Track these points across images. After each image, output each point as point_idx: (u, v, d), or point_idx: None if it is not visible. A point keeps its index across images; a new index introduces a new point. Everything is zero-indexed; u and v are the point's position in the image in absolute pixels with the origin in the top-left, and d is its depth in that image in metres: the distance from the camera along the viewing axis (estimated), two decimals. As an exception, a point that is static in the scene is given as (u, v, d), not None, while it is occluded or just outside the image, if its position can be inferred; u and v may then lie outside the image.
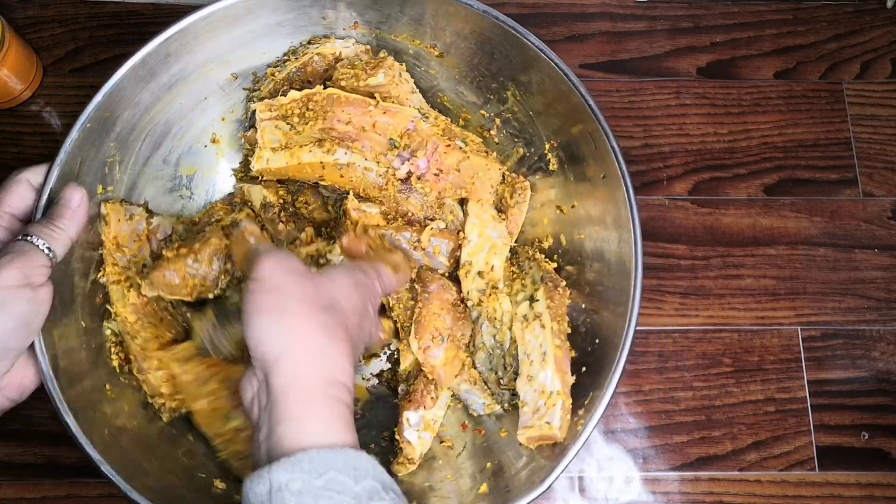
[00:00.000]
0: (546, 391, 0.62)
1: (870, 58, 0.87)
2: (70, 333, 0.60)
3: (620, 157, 0.62)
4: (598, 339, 0.64)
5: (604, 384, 0.60)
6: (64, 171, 0.59)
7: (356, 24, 0.70)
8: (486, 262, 0.68)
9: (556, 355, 0.63)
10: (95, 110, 0.60)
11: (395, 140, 0.67)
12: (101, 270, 0.65)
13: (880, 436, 0.76)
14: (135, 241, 0.67)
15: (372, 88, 0.67)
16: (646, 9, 0.88)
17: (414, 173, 0.68)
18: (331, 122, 0.65)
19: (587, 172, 0.67)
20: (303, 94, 0.66)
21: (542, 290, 0.66)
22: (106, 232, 0.65)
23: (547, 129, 0.69)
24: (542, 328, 0.64)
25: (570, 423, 0.61)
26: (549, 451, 0.62)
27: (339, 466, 0.44)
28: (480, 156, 0.70)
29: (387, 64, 0.67)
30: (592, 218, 0.67)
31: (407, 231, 0.68)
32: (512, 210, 0.71)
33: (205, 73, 0.69)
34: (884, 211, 0.82)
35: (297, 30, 0.70)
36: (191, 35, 0.64)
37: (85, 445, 0.56)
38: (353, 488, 0.43)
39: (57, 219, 0.57)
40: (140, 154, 0.68)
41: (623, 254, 0.62)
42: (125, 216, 0.66)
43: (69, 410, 0.56)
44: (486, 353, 0.68)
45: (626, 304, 0.61)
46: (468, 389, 0.68)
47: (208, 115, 0.72)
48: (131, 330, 0.65)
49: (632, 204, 0.62)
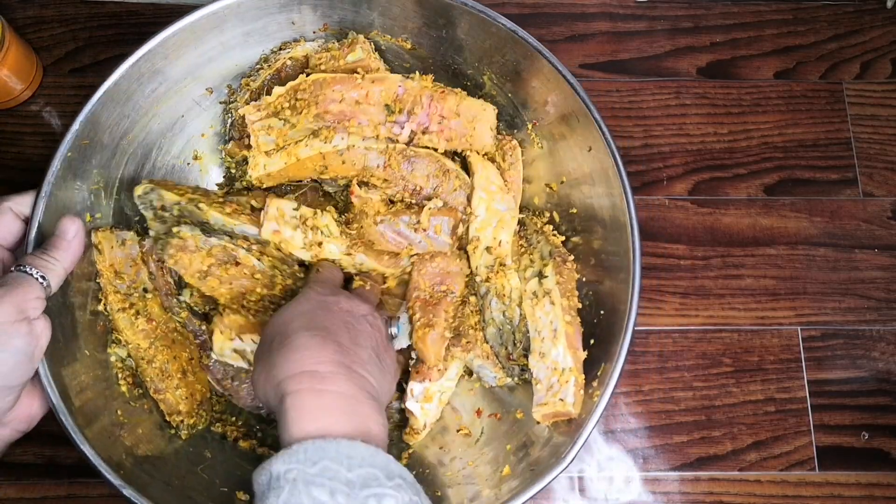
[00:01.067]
0: (559, 368, 0.63)
1: (870, 58, 0.87)
2: (78, 368, 0.60)
3: (604, 127, 0.63)
4: (603, 311, 0.64)
5: (614, 354, 0.60)
6: (49, 203, 0.59)
7: (325, 25, 0.70)
8: (494, 238, 0.69)
9: (568, 332, 0.63)
10: (75, 139, 0.60)
11: (390, 105, 0.67)
12: (101, 300, 0.65)
13: (880, 436, 0.76)
14: (131, 267, 0.66)
15: (352, 65, 0.67)
16: (646, 9, 0.88)
17: (416, 132, 0.68)
18: (324, 106, 0.65)
19: (573, 147, 0.67)
20: (288, 87, 0.66)
21: (550, 266, 0.66)
22: (101, 260, 0.65)
23: (527, 108, 0.70)
24: (552, 305, 0.65)
25: (583, 399, 0.62)
26: (565, 427, 0.62)
27: (333, 455, 0.46)
28: (474, 99, 0.70)
29: (360, 40, 0.68)
30: (583, 191, 0.67)
31: (406, 215, 0.68)
32: (509, 172, 0.71)
33: (179, 90, 0.69)
34: (884, 211, 0.82)
35: (267, 37, 0.70)
36: (160, 55, 0.64)
37: (109, 476, 0.56)
38: (346, 475, 0.45)
39: (52, 249, 0.57)
40: (124, 178, 0.68)
41: (618, 220, 0.63)
42: (117, 242, 0.66)
43: (92, 450, 0.56)
44: (495, 329, 0.68)
45: (627, 269, 0.61)
46: (480, 364, 0.69)
47: (187, 133, 0.72)
48: (146, 355, 0.65)
49: (620, 170, 0.62)
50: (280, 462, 0.46)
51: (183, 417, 0.65)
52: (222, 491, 0.63)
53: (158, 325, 0.66)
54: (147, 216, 0.67)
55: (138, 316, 0.65)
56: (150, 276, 0.68)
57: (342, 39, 0.71)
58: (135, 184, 0.69)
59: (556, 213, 0.71)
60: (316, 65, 0.68)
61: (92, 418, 0.59)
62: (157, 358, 0.65)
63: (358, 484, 0.45)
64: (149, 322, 0.65)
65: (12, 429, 0.58)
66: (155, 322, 0.66)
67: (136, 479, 0.57)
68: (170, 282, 0.69)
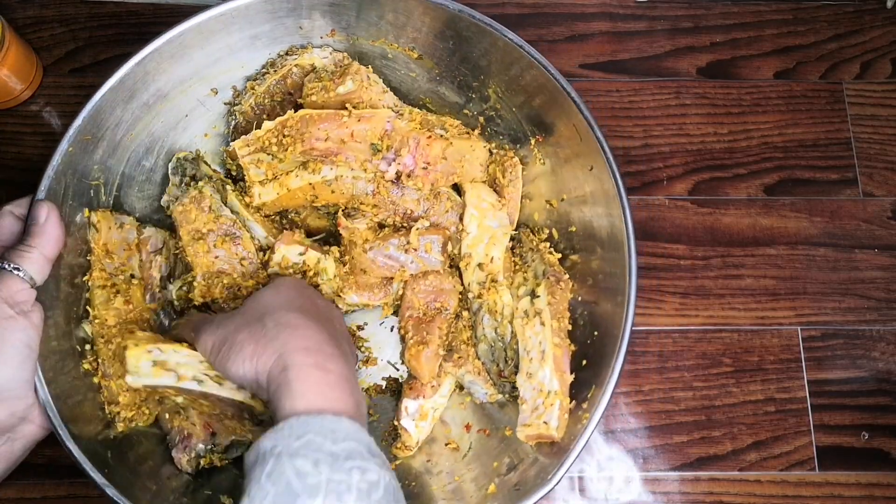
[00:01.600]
0: (545, 390, 0.62)
1: (870, 58, 0.87)
2: (53, 344, 0.60)
3: (606, 147, 0.63)
4: (597, 332, 0.64)
5: (604, 379, 0.60)
6: (49, 198, 0.59)
7: (333, 31, 0.70)
8: (486, 254, 0.69)
9: (556, 354, 0.63)
10: (76, 134, 0.61)
11: (376, 144, 0.67)
12: (88, 274, 0.65)
13: (880, 436, 0.76)
14: (124, 250, 0.67)
15: (342, 97, 0.67)
16: (646, 9, 0.88)
17: (402, 172, 0.68)
18: (309, 143, 0.65)
19: (574, 165, 0.67)
20: (276, 123, 0.66)
21: (543, 286, 0.66)
22: (96, 239, 0.65)
23: (531, 123, 0.69)
24: (541, 325, 0.64)
25: (567, 423, 0.61)
26: (548, 449, 0.62)
27: (317, 429, 0.47)
28: (463, 138, 0.70)
29: (352, 70, 0.68)
30: (583, 210, 0.67)
31: (394, 237, 0.69)
32: (507, 189, 0.71)
33: (184, 89, 0.69)
34: (884, 211, 0.82)
35: (274, 41, 0.70)
36: (166, 54, 0.64)
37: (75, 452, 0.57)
38: (331, 448, 0.46)
39: (27, 237, 0.57)
40: (124, 175, 0.68)
41: (617, 243, 0.63)
42: (115, 224, 0.67)
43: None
44: (487, 346, 0.68)
45: (623, 292, 0.61)
46: (471, 380, 0.68)
47: (190, 132, 0.72)
48: (107, 334, 0.64)
49: (621, 193, 0.62)
50: (267, 440, 0.47)
51: (121, 409, 0.63)
52: (206, 494, 0.63)
53: (133, 310, 0.66)
54: (173, 181, 0.70)
55: (117, 295, 0.65)
56: (141, 264, 0.68)
57: (342, 51, 0.71)
58: (135, 183, 0.69)
59: (555, 231, 0.71)
60: (308, 94, 0.68)
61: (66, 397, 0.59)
62: (116, 340, 0.64)
63: (342, 456, 0.46)
64: (126, 304, 0.65)
65: (37, 424, 0.58)
66: (132, 306, 0.66)
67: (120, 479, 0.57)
68: (154, 277, 0.69)
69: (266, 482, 0.45)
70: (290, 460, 0.45)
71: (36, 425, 0.58)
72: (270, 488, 0.44)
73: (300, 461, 0.45)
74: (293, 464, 0.45)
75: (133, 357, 0.57)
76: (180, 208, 0.66)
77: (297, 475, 0.44)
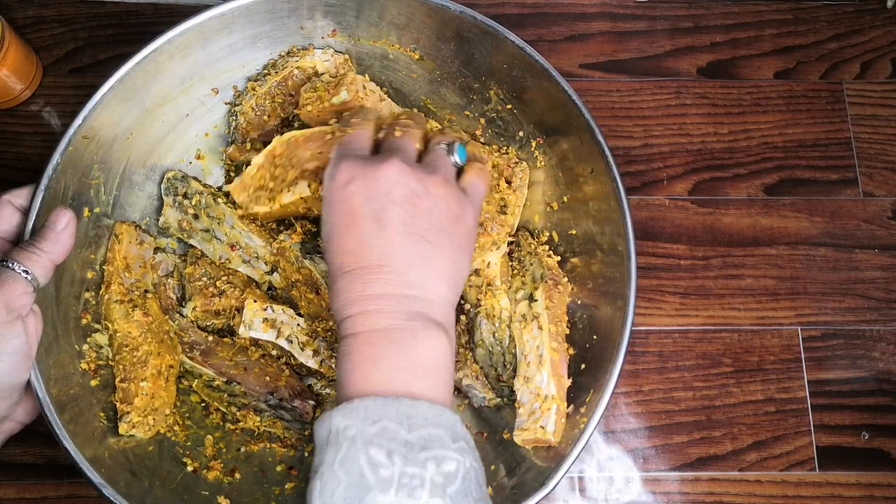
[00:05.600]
0: (542, 394, 0.62)
1: (870, 58, 0.87)
2: (60, 356, 0.60)
3: (607, 151, 0.62)
4: (597, 336, 0.64)
5: (602, 384, 0.60)
6: (48, 196, 0.59)
7: (334, 31, 0.70)
8: (483, 259, 0.68)
9: (553, 359, 0.63)
10: (77, 134, 0.60)
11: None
12: (103, 288, 0.65)
13: (880, 436, 0.76)
14: (141, 266, 0.68)
15: (337, 107, 0.66)
16: (646, 9, 0.88)
17: None
18: (301, 166, 0.64)
19: (575, 168, 0.67)
20: (264, 156, 0.65)
21: (541, 290, 0.66)
22: (117, 250, 0.66)
23: (532, 126, 0.69)
24: (539, 329, 0.64)
25: (564, 428, 0.61)
26: (545, 454, 0.62)
27: (393, 415, 0.45)
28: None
29: (347, 80, 0.67)
30: (583, 213, 0.67)
31: None
32: (513, 195, 0.71)
33: (185, 89, 0.69)
34: (884, 211, 0.82)
35: (276, 41, 0.70)
36: (166, 53, 0.64)
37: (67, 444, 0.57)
38: (406, 437, 0.45)
39: (41, 241, 0.57)
40: (124, 175, 0.68)
41: (617, 247, 0.62)
42: (136, 240, 0.68)
43: (73, 445, 0.57)
44: (485, 350, 0.68)
45: (623, 297, 0.61)
46: (469, 384, 0.68)
47: (191, 132, 0.72)
48: (133, 343, 0.64)
49: (622, 197, 0.61)
50: (341, 416, 0.45)
51: (131, 410, 0.62)
52: (203, 495, 0.63)
53: (154, 322, 0.66)
54: (167, 201, 0.70)
55: (135, 309, 0.65)
56: (155, 282, 0.69)
57: (354, 62, 0.71)
58: (135, 182, 0.69)
59: (555, 233, 0.70)
60: (303, 104, 0.67)
61: (68, 406, 0.59)
62: (143, 347, 0.64)
63: (417, 446, 0.45)
64: (145, 316, 0.65)
65: (16, 421, 0.58)
66: (151, 318, 0.66)
67: (115, 479, 0.57)
68: (171, 297, 0.70)
69: (339, 470, 0.44)
70: (365, 448, 0.44)
71: (16, 422, 0.58)
72: (343, 477, 0.43)
73: (374, 450, 0.44)
74: (367, 453, 0.44)
75: (251, 312, 0.65)
76: (190, 268, 0.69)
77: (371, 466, 0.43)
